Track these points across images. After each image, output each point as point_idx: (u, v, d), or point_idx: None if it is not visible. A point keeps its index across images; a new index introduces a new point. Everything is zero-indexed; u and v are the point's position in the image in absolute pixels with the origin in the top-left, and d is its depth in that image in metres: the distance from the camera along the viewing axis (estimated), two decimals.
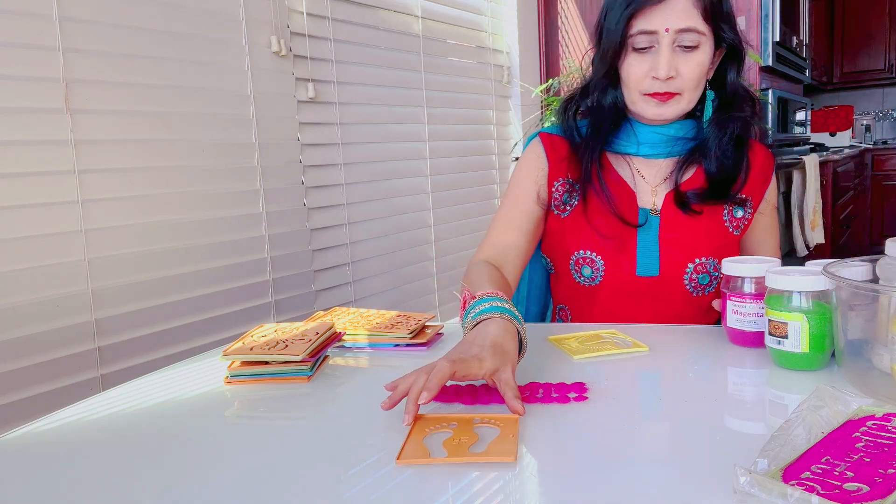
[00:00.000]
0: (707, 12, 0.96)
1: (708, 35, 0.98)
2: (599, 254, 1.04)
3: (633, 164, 1.08)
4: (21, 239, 1.15)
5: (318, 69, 1.70)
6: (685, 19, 0.95)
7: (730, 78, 1.04)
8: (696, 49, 0.97)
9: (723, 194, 1.03)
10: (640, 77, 0.99)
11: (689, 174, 1.06)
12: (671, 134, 1.04)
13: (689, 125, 1.05)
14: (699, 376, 0.79)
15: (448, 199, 2.20)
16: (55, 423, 0.72)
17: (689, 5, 0.96)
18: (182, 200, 1.39)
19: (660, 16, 0.96)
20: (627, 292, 1.05)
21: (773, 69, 2.47)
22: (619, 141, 1.06)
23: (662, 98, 0.99)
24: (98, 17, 1.24)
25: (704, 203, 1.03)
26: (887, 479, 0.46)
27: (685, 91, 0.99)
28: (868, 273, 0.74)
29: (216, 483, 0.56)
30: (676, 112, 1.01)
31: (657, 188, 1.07)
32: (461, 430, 0.62)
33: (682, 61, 0.97)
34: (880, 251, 0.75)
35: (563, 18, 2.62)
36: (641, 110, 1.02)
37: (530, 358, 0.89)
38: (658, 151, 1.06)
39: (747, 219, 1.08)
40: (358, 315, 1.03)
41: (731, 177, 1.04)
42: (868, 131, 5.47)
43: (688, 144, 1.05)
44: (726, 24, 0.99)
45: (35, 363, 1.16)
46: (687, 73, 0.98)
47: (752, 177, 1.07)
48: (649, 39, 0.97)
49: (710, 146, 1.03)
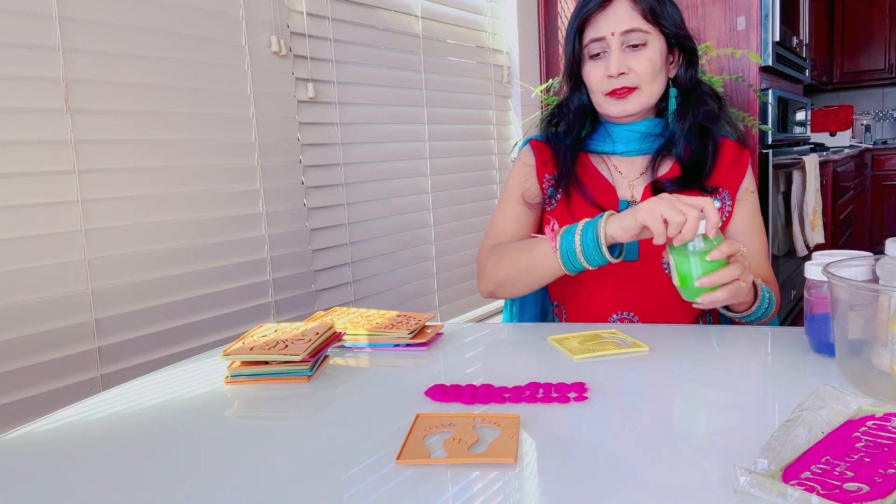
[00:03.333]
0: (646, 13, 1.06)
1: (654, 33, 1.07)
2: None
3: (611, 162, 1.17)
4: (21, 239, 1.15)
5: (318, 69, 1.70)
6: (627, 21, 1.06)
7: (681, 73, 1.13)
8: (644, 46, 1.07)
9: (694, 178, 1.10)
10: (598, 80, 1.09)
11: (665, 168, 1.14)
12: (642, 130, 1.13)
13: (658, 122, 1.14)
14: (699, 376, 0.79)
15: (448, 199, 2.19)
16: (55, 423, 0.72)
17: (629, 9, 1.06)
18: (182, 200, 1.39)
19: (604, 22, 1.07)
20: (610, 277, 1.10)
21: (773, 69, 2.47)
22: (596, 141, 1.16)
23: (621, 94, 1.08)
24: (98, 17, 1.24)
25: (680, 190, 1.09)
26: (887, 479, 0.46)
27: (641, 85, 1.08)
28: (868, 273, 0.74)
29: (216, 483, 0.56)
30: (638, 105, 1.09)
31: (634, 182, 1.15)
32: (461, 430, 0.62)
33: (632, 59, 1.07)
34: (880, 251, 0.75)
35: (563, 18, 2.62)
36: (607, 110, 1.11)
37: (530, 358, 0.90)
38: (632, 148, 1.14)
39: (727, 210, 1.13)
40: (358, 315, 1.03)
41: (701, 160, 1.11)
42: (868, 131, 5.47)
43: (658, 141, 1.14)
44: (668, 22, 1.08)
45: (35, 363, 1.16)
46: (639, 69, 1.07)
47: (724, 168, 1.14)
48: (601, 45, 1.08)
49: (676, 135, 1.12)
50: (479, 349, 0.94)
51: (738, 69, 2.36)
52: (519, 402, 0.70)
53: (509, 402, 0.70)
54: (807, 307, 0.81)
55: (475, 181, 2.34)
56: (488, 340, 0.97)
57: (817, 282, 0.79)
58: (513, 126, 2.52)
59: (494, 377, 0.78)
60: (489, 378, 0.78)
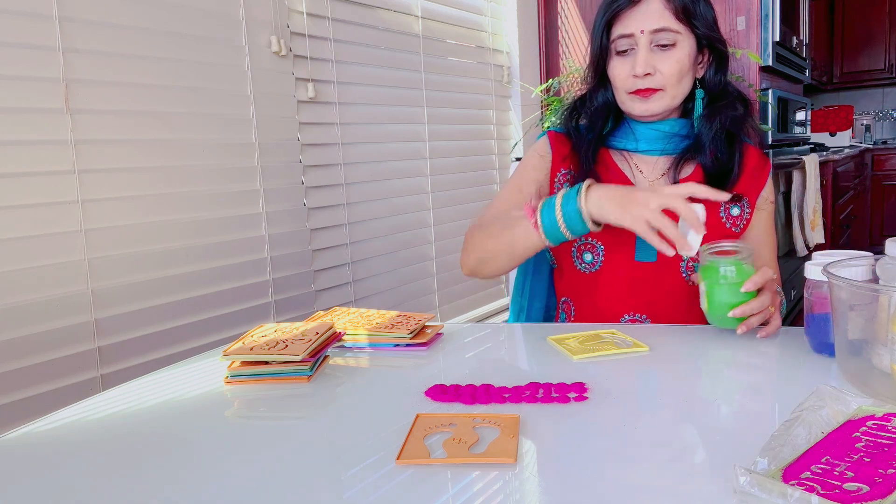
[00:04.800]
0: (679, 12, 1.03)
1: (684, 34, 1.04)
2: (600, 240, 1.09)
3: (632, 161, 1.13)
4: (21, 239, 1.15)
5: (318, 69, 1.70)
6: (658, 20, 1.02)
7: (710, 75, 1.10)
8: (673, 47, 1.03)
9: (720, 185, 1.06)
10: (623, 77, 1.06)
11: (687, 171, 1.11)
12: (666, 130, 1.10)
13: (683, 123, 1.10)
14: (699, 376, 0.79)
15: (448, 199, 2.19)
16: (55, 423, 0.72)
17: (661, 7, 1.03)
18: (182, 200, 1.39)
19: (635, 19, 1.03)
20: (627, 278, 1.08)
21: (773, 69, 2.47)
22: (618, 138, 1.13)
23: (644, 94, 1.05)
24: (98, 17, 1.24)
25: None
26: (887, 479, 0.46)
27: (667, 87, 1.05)
28: (868, 273, 0.74)
29: (216, 483, 0.56)
30: (661, 106, 1.06)
31: (654, 183, 1.11)
32: (461, 430, 0.62)
33: (659, 59, 1.04)
34: (880, 251, 0.75)
35: (563, 18, 2.62)
36: (629, 108, 1.08)
37: (530, 358, 0.89)
38: (654, 147, 1.11)
39: (746, 217, 1.11)
40: (358, 315, 1.03)
41: (726, 169, 1.08)
42: (868, 131, 5.47)
43: (683, 142, 1.10)
44: (700, 22, 1.05)
45: (35, 363, 1.16)
46: (666, 70, 1.03)
47: (746, 176, 1.11)
48: (628, 42, 1.05)
49: (703, 141, 1.08)
50: (479, 349, 0.94)
51: (738, 69, 2.36)
52: (519, 402, 0.70)
53: (509, 402, 0.70)
54: (807, 307, 0.81)
55: (475, 181, 2.34)
56: (488, 340, 0.97)
57: (817, 282, 0.79)
58: (513, 126, 2.52)
59: (494, 377, 0.78)
60: (489, 378, 0.78)
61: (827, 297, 0.76)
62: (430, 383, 0.76)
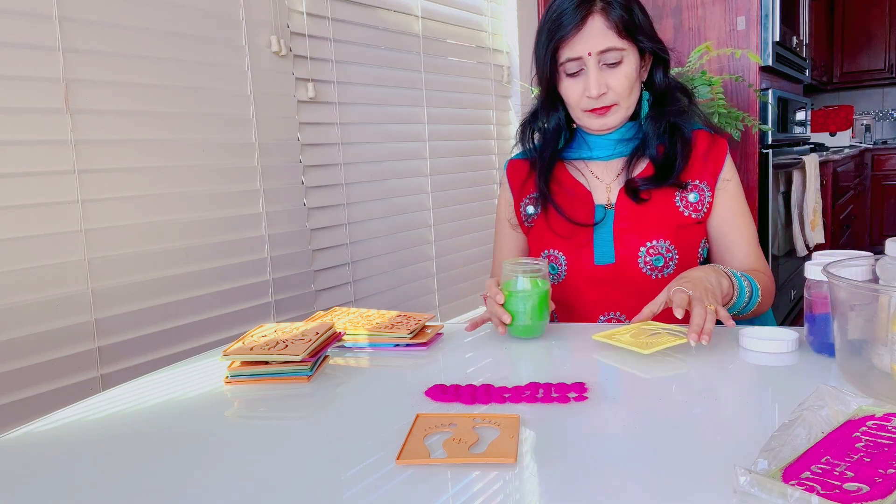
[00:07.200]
0: (620, 29, 1.06)
1: (629, 49, 1.08)
2: (561, 251, 1.15)
3: (588, 167, 1.19)
4: (21, 239, 1.15)
5: (318, 69, 1.70)
6: (603, 41, 1.06)
7: (657, 79, 1.15)
8: (620, 64, 1.07)
9: (666, 175, 1.11)
10: (577, 97, 1.10)
11: (639, 168, 1.16)
12: (616, 138, 1.16)
13: (631, 125, 1.16)
14: (699, 376, 0.79)
15: (448, 199, 2.19)
16: (55, 423, 0.72)
17: (603, 28, 1.05)
18: (182, 200, 1.39)
19: (580, 42, 1.06)
20: (590, 281, 1.13)
21: (773, 69, 2.47)
22: (574, 149, 1.20)
23: (601, 112, 1.10)
24: (98, 17, 1.24)
25: (653, 187, 1.12)
26: (887, 479, 0.46)
27: (620, 100, 1.10)
28: (868, 273, 0.74)
29: (216, 483, 0.56)
30: (617, 120, 1.12)
31: (611, 185, 1.17)
32: (461, 430, 0.62)
33: (610, 76, 1.08)
34: (880, 251, 0.75)
35: None
36: (587, 124, 1.14)
37: (530, 358, 0.90)
38: (609, 153, 1.17)
39: (707, 201, 1.13)
40: (358, 315, 1.03)
41: (672, 159, 1.12)
42: (868, 131, 5.47)
43: (632, 143, 1.16)
44: (642, 34, 1.08)
45: (35, 363, 1.16)
46: (617, 86, 1.08)
47: (699, 160, 1.14)
48: (577, 64, 1.08)
49: (649, 139, 1.14)
50: (479, 349, 0.94)
51: (738, 69, 2.36)
52: (519, 402, 0.70)
53: (509, 402, 0.70)
54: (807, 307, 0.81)
55: (475, 181, 2.34)
56: (488, 340, 0.97)
57: (817, 282, 0.79)
58: (513, 126, 2.52)
59: (494, 377, 0.78)
60: (489, 378, 0.78)
61: (827, 297, 0.76)
62: (430, 383, 0.76)
